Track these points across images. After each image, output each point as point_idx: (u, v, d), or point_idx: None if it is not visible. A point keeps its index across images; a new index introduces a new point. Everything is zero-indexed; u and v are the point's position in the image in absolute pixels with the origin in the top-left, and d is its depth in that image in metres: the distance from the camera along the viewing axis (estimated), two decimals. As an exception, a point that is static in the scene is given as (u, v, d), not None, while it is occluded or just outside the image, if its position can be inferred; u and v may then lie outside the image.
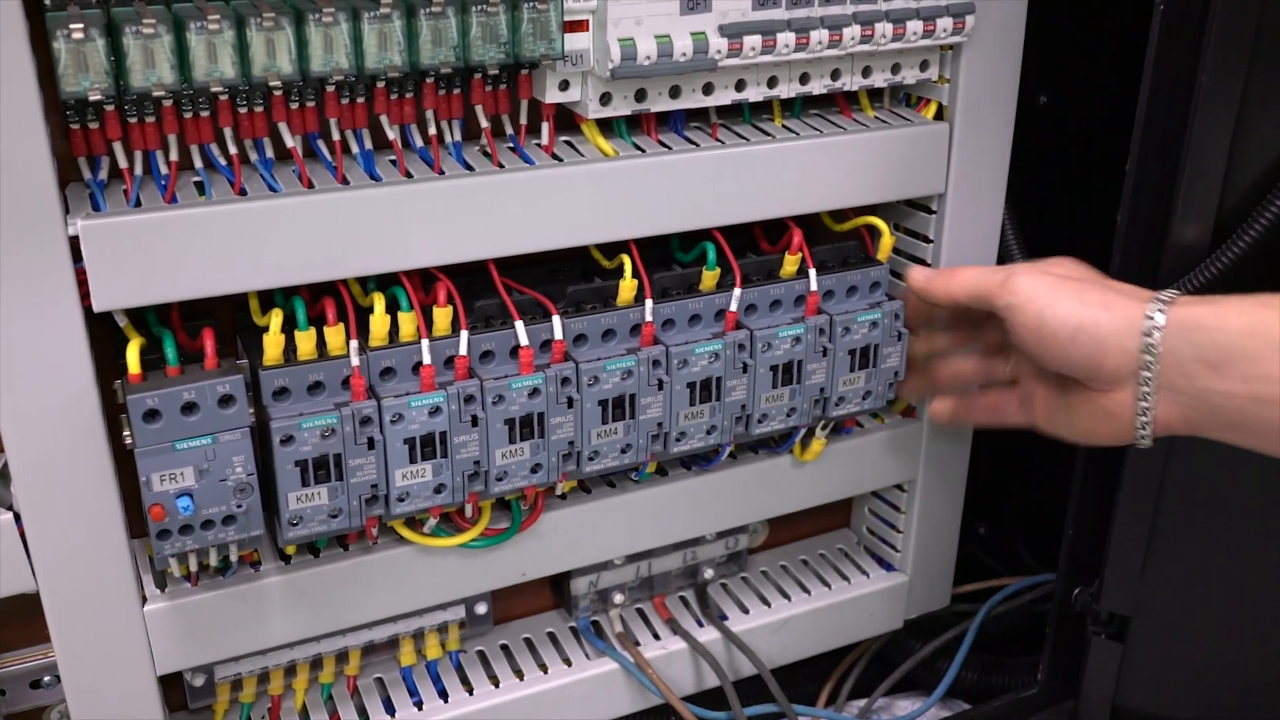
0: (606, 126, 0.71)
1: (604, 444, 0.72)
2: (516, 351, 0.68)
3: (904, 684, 0.92)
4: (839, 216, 0.79)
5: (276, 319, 0.63)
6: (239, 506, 0.63)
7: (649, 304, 0.71)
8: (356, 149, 0.65)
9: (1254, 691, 0.81)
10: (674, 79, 0.69)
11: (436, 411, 0.66)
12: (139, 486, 0.61)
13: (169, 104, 0.60)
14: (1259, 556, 0.77)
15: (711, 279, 0.74)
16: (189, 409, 0.61)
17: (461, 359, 0.67)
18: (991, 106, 0.78)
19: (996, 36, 0.76)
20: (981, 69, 0.77)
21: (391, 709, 0.77)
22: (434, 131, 0.66)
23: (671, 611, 0.86)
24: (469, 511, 0.73)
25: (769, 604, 0.88)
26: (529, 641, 0.84)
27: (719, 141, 0.72)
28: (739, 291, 0.73)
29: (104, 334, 0.63)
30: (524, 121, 0.69)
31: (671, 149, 0.71)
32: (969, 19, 0.73)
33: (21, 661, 0.72)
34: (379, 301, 0.65)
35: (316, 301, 0.65)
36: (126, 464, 0.62)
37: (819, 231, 0.80)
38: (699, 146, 0.71)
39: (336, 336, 0.65)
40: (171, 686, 0.73)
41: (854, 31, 0.70)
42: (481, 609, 0.81)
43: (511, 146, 0.69)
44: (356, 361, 0.65)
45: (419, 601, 0.75)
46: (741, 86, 0.71)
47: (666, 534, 0.81)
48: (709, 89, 0.70)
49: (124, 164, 0.61)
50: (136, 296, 0.59)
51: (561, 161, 0.68)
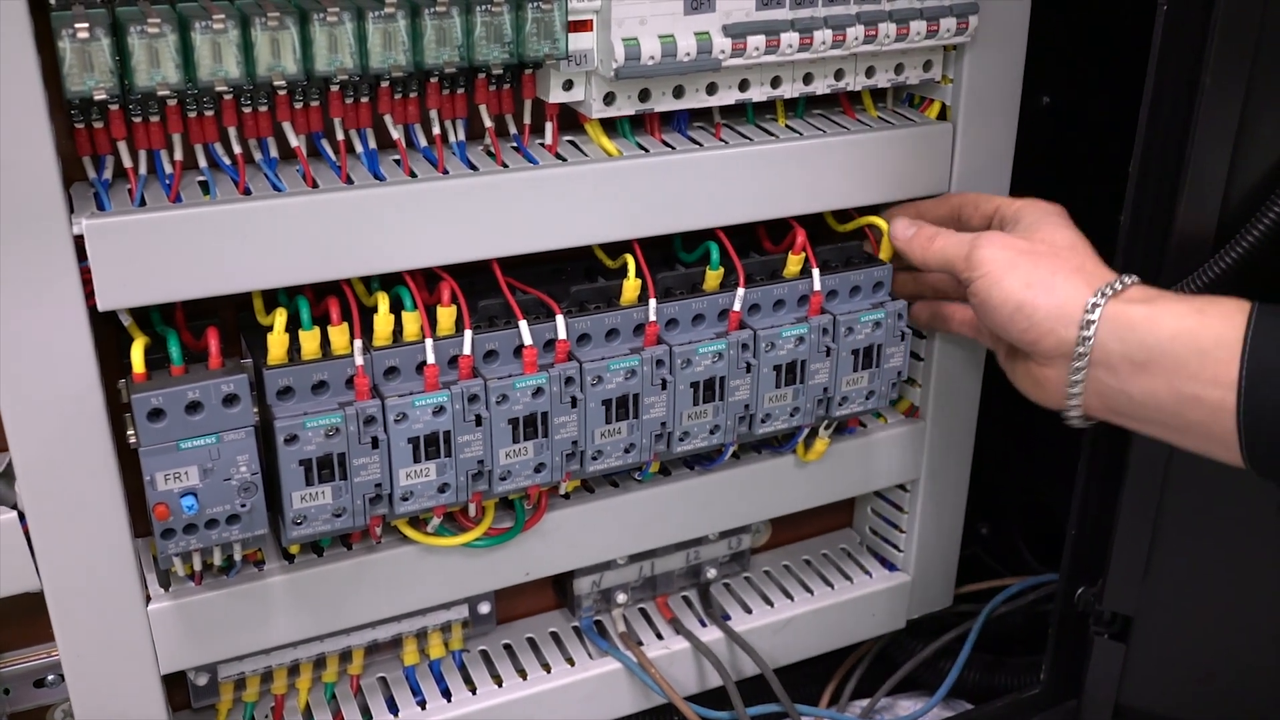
0: (610, 126, 0.71)
1: (607, 444, 0.72)
2: (520, 351, 0.68)
3: (906, 684, 0.92)
4: (842, 216, 0.79)
5: (280, 318, 0.63)
6: (243, 506, 0.63)
7: (652, 304, 0.71)
8: (360, 148, 0.65)
9: (1257, 692, 0.81)
10: (678, 79, 0.69)
11: (440, 411, 0.66)
12: (143, 485, 0.61)
13: (173, 103, 0.60)
14: (1262, 556, 0.77)
15: (715, 279, 0.74)
16: (193, 408, 0.61)
17: (465, 358, 0.67)
18: (995, 107, 0.79)
19: (1000, 37, 0.77)
20: (985, 69, 0.77)
21: (395, 708, 0.77)
22: (438, 131, 0.66)
23: (674, 611, 0.86)
24: (472, 511, 0.73)
25: (771, 604, 0.88)
26: (532, 641, 0.84)
27: (722, 141, 0.72)
28: (742, 291, 0.73)
29: (108, 333, 0.63)
30: (528, 121, 0.69)
31: (675, 149, 0.71)
32: (972, 19, 0.73)
33: (25, 660, 0.72)
34: (383, 301, 0.65)
35: (320, 301, 0.65)
36: (131, 463, 0.62)
37: (822, 231, 0.80)
38: (702, 146, 0.71)
39: (340, 336, 0.65)
40: (175, 686, 0.73)
41: (858, 31, 0.70)
42: (485, 608, 0.81)
43: (515, 146, 0.69)
44: (360, 361, 0.65)
45: (422, 601, 0.75)
46: (745, 86, 0.71)
47: (669, 534, 0.81)
48: (713, 89, 0.70)
49: (128, 163, 0.61)
50: (141, 296, 0.59)
51: (565, 161, 0.68)
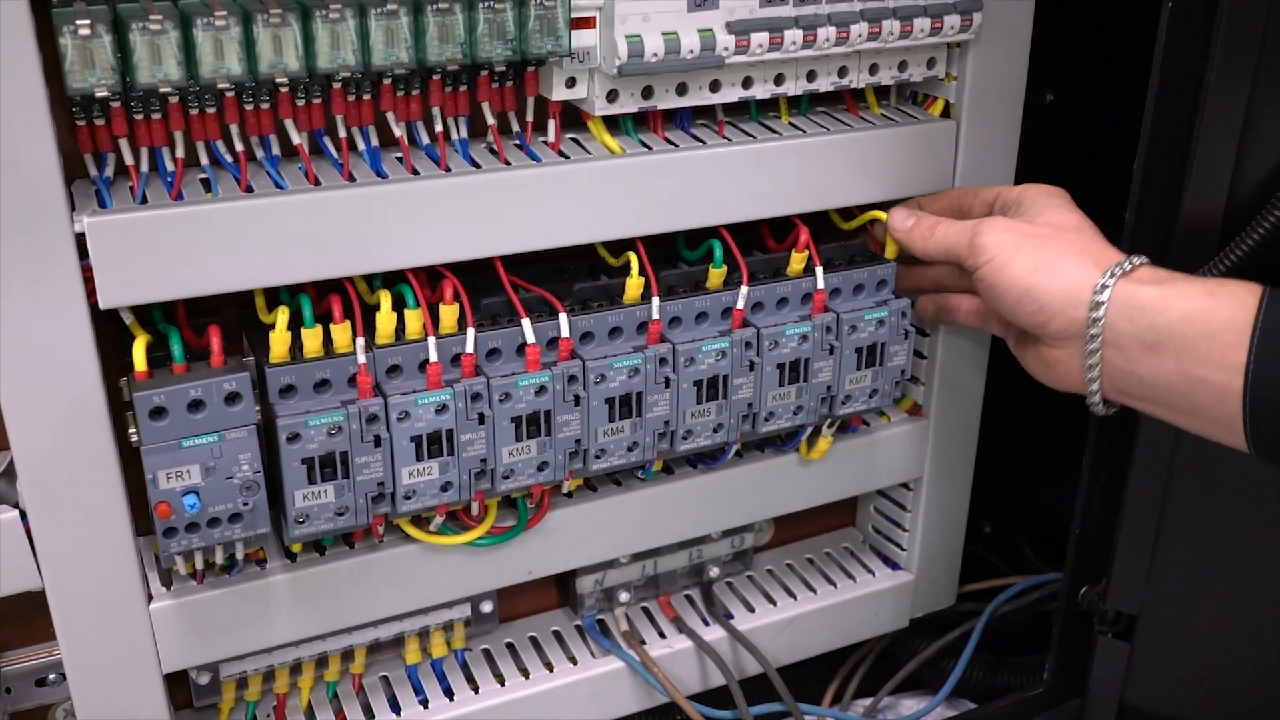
0: (613, 124, 0.71)
1: (610, 442, 0.72)
2: (523, 349, 0.68)
3: (909, 683, 0.92)
4: (847, 214, 0.79)
5: (283, 316, 0.63)
6: (245, 504, 0.63)
7: (656, 302, 0.71)
8: (363, 146, 0.65)
9: (1261, 691, 0.81)
10: (681, 76, 0.69)
11: (443, 409, 0.66)
12: (145, 484, 0.61)
13: (175, 100, 0.60)
14: (1266, 556, 0.77)
15: (718, 277, 0.73)
16: (195, 406, 0.61)
17: (468, 357, 0.67)
18: (998, 104, 0.78)
19: (1004, 34, 0.76)
20: (988, 66, 0.77)
21: (397, 707, 0.77)
22: (440, 128, 0.66)
23: (677, 610, 0.86)
24: (475, 509, 0.73)
25: (774, 603, 0.88)
26: (534, 640, 0.84)
27: (726, 139, 0.72)
28: (746, 289, 0.73)
29: (110, 331, 0.63)
30: (530, 119, 0.69)
31: (678, 146, 0.71)
32: (976, 16, 0.73)
33: (27, 659, 0.72)
34: (385, 299, 0.65)
35: (323, 299, 0.65)
36: (132, 461, 0.62)
37: (825, 229, 0.80)
38: (706, 144, 0.71)
39: (343, 334, 0.64)
40: (177, 685, 0.72)
41: (861, 29, 0.69)
42: (487, 607, 0.81)
43: (518, 144, 0.69)
44: (363, 359, 0.64)
45: (425, 599, 0.75)
46: (748, 84, 0.71)
47: (672, 532, 0.81)
48: (716, 86, 0.70)
49: (130, 161, 0.61)
50: (142, 293, 0.59)
51: (568, 159, 0.68)
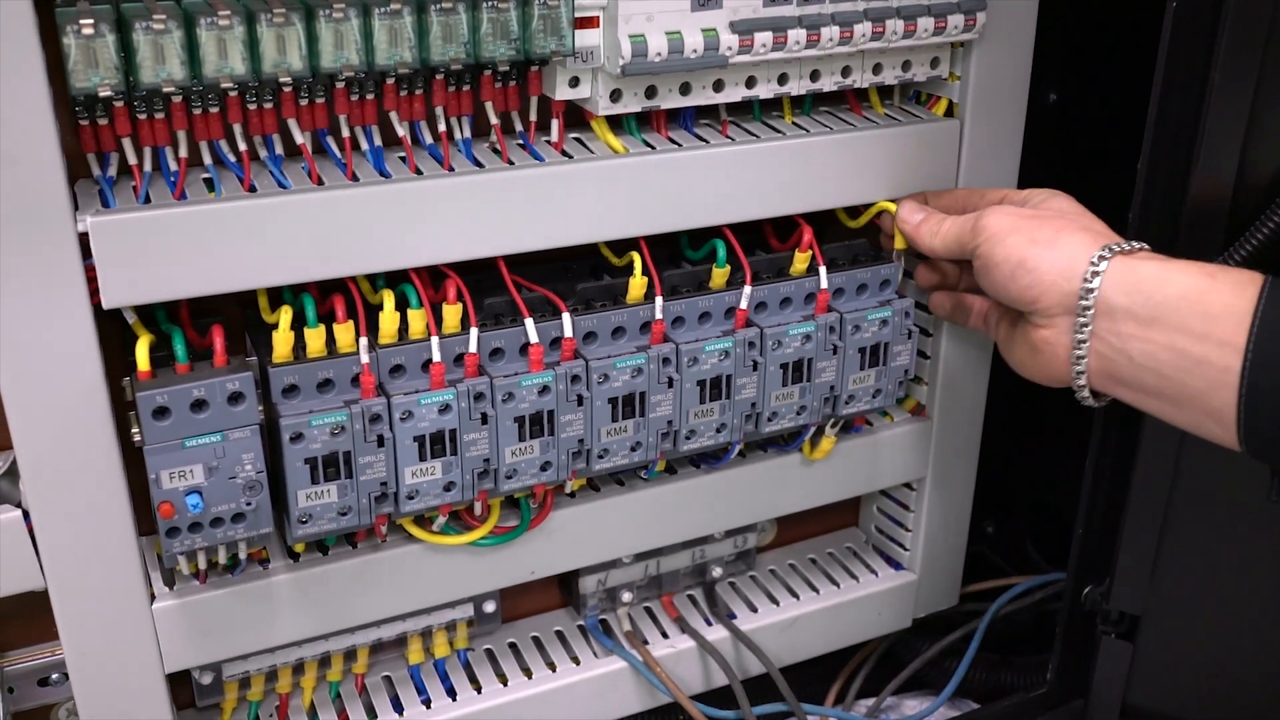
0: (616, 123, 0.71)
1: (613, 442, 0.72)
2: (526, 349, 0.68)
3: (912, 683, 0.92)
4: (852, 212, 0.79)
5: (286, 316, 0.63)
6: (248, 504, 0.63)
7: (659, 301, 0.71)
8: (366, 145, 0.65)
9: (1264, 692, 0.81)
10: (684, 76, 0.69)
11: (446, 409, 0.66)
12: (148, 484, 0.61)
13: (179, 100, 0.60)
14: (1270, 556, 0.77)
15: (721, 276, 0.73)
16: (198, 406, 0.61)
17: (471, 356, 0.67)
18: (1002, 104, 0.78)
19: (1007, 33, 0.76)
20: (992, 66, 0.77)
21: (399, 707, 0.77)
22: (443, 128, 0.66)
23: (680, 610, 0.86)
24: (478, 509, 0.73)
25: (777, 603, 0.88)
26: (537, 640, 0.83)
27: (729, 139, 0.72)
28: (749, 289, 0.73)
29: (113, 331, 0.63)
30: (534, 118, 0.69)
31: (681, 146, 0.70)
32: (980, 16, 0.73)
33: (29, 659, 0.72)
34: (388, 299, 0.65)
35: (326, 298, 0.65)
36: (135, 461, 0.62)
37: (829, 228, 0.80)
38: (709, 144, 0.71)
39: (346, 334, 0.64)
40: (179, 684, 0.73)
41: (865, 28, 0.69)
42: (490, 607, 0.80)
43: (521, 143, 0.69)
44: (366, 359, 0.64)
45: (427, 600, 0.74)
46: (752, 83, 0.71)
47: (675, 532, 0.81)
48: (719, 86, 0.70)
49: (133, 160, 0.61)
50: (146, 293, 0.59)
51: (571, 158, 0.68)
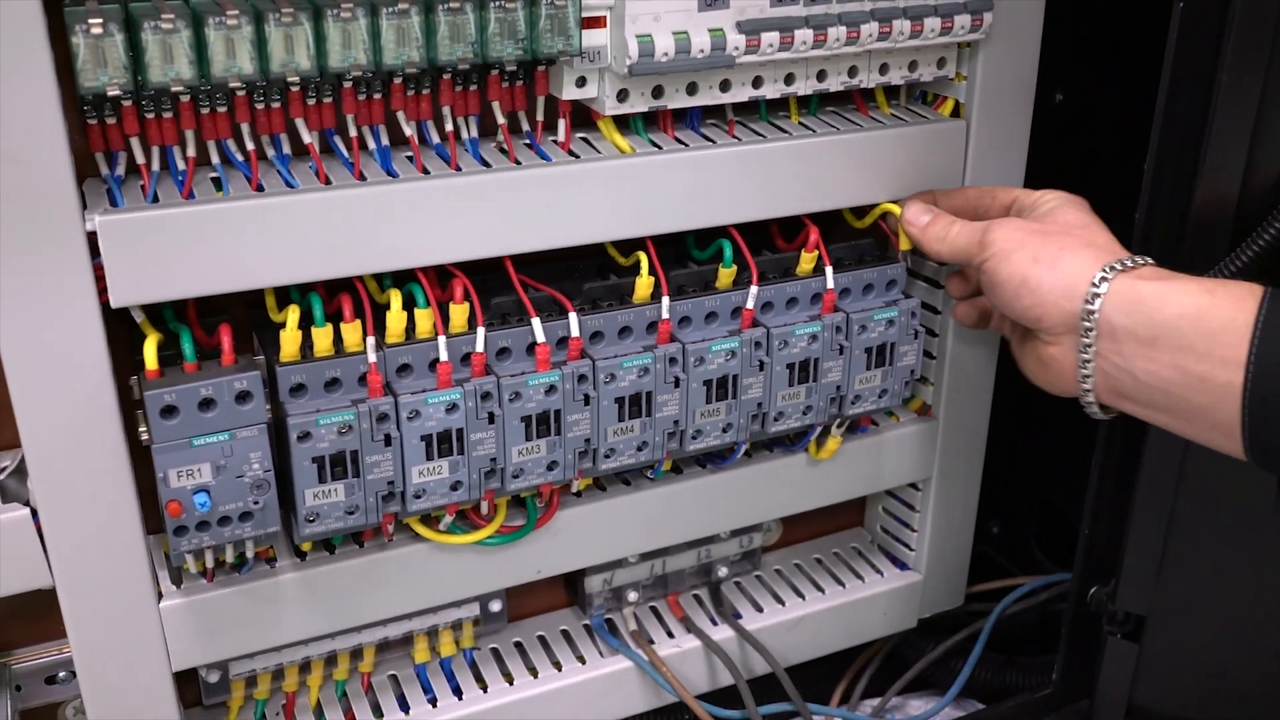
0: (623, 123, 0.71)
1: (620, 441, 0.72)
2: (533, 349, 0.68)
3: (917, 683, 0.92)
4: (859, 212, 0.79)
5: (293, 315, 0.63)
6: (255, 503, 0.63)
7: (665, 301, 0.71)
8: (373, 145, 0.65)
9: (1270, 692, 0.81)
10: (691, 76, 0.69)
11: (453, 408, 0.66)
12: (155, 483, 0.61)
13: (187, 99, 0.60)
14: (1276, 556, 0.77)
15: (728, 276, 0.73)
16: (206, 405, 0.61)
17: (478, 356, 0.67)
18: (1008, 104, 0.78)
19: (1014, 34, 0.76)
20: (999, 66, 0.77)
21: (406, 706, 0.77)
22: (451, 128, 0.66)
23: (685, 610, 0.86)
24: (484, 509, 0.73)
25: (783, 602, 0.88)
26: (543, 639, 0.84)
27: (736, 139, 0.72)
28: (755, 289, 0.73)
29: (121, 330, 0.63)
30: (541, 118, 0.69)
31: (688, 146, 0.71)
32: (987, 16, 0.73)
33: (37, 657, 0.72)
34: (396, 298, 0.65)
35: (333, 298, 0.65)
36: (143, 460, 0.62)
37: (835, 228, 0.80)
38: (715, 144, 0.71)
39: (353, 333, 0.65)
40: (186, 683, 0.73)
41: (872, 28, 0.69)
42: (496, 606, 0.81)
43: (528, 143, 0.69)
44: (373, 358, 0.64)
45: (434, 599, 0.75)
46: (759, 83, 0.71)
47: (681, 532, 0.81)
48: (726, 86, 0.70)
49: (141, 160, 0.61)
50: (154, 292, 0.59)
51: (578, 158, 0.68)
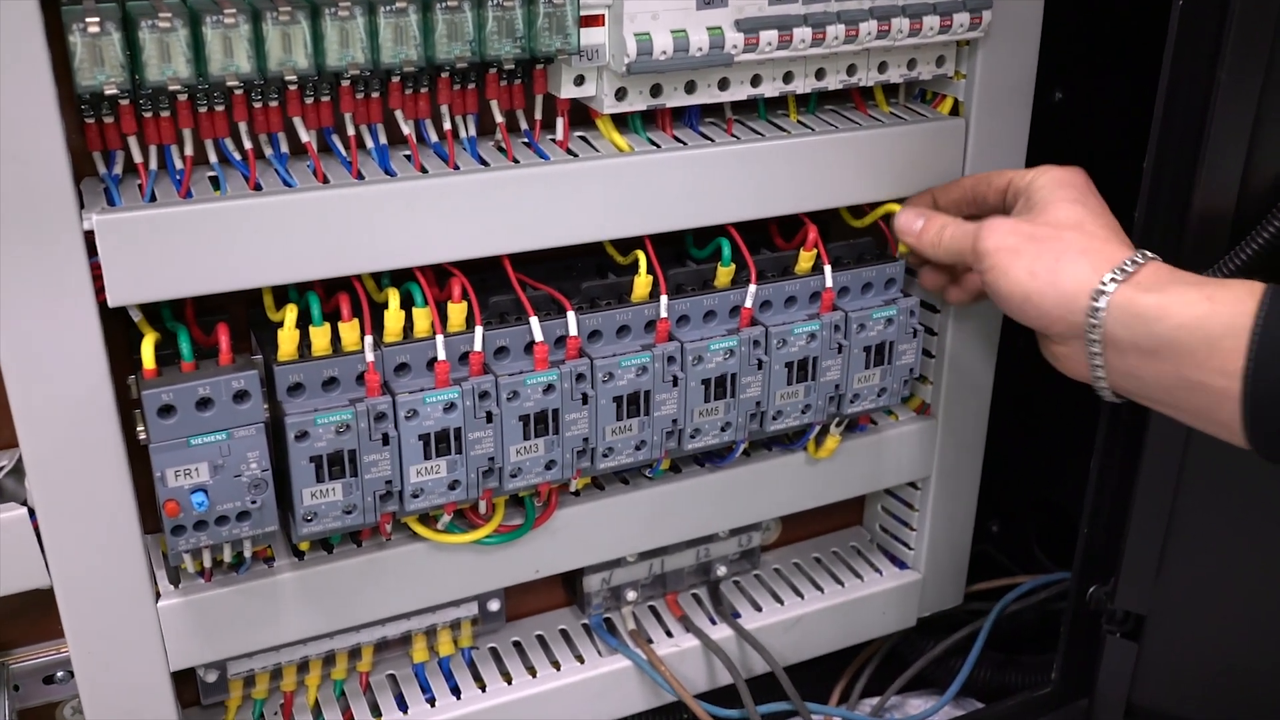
0: (621, 122, 0.71)
1: (618, 440, 0.72)
2: (531, 348, 0.68)
3: (917, 682, 0.92)
4: (857, 211, 0.79)
5: (291, 314, 0.63)
6: (253, 502, 0.63)
7: (664, 300, 0.71)
8: (371, 144, 0.65)
9: (1270, 691, 0.81)
10: (689, 74, 0.69)
11: (451, 408, 0.66)
12: (153, 482, 0.61)
13: (184, 98, 0.60)
14: (1276, 555, 0.77)
15: (726, 275, 0.73)
16: (204, 404, 0.61)
17: (476, 355, 0.67)
18: (1007, 102, 0.78)
19: (1013, 32, 0.76)
20: (998, 65, 0.77)
21: (404, 705, 0.77)
22: (449, 126, 0.66)
23: (684, 609, 0.86)
24: (483, 508, 0.73)
25: (782, 601, 0.88)
26: (542, 638, 0.84)
27: (734, 137, 0.72)
28: (754, 288, 0.73)
29: (118, 329, 0.63)
30: (539, 117, 0.69)
31: (687, 144, 0.70)
32: (986, 14, 0.73)
33: (35, 657, 0.72)
34: (393, 297, 0.65)
35: (331, 297, 0.65)
36: (141, 459, 0.62)
37: (834, 227, 0.80)
38: (714, 142, 0.71)
39: (351, 332, 0.64)
40: (184, 682, 0.73)
41: (870, 27, 0.69)
42: (494, 605, 0.80)
43: (526, 142, 0.69)
44: (371, 357, 0.64)
45: (432, 598, 0.75)
46: (757, 82, 0.71)
47: (680, 531, 0.81)
48: (724, 84, 0.70)
49: (139, 159, 0.61)
50: (151, 291, 0.59)
51: (576, 157, 0.68)
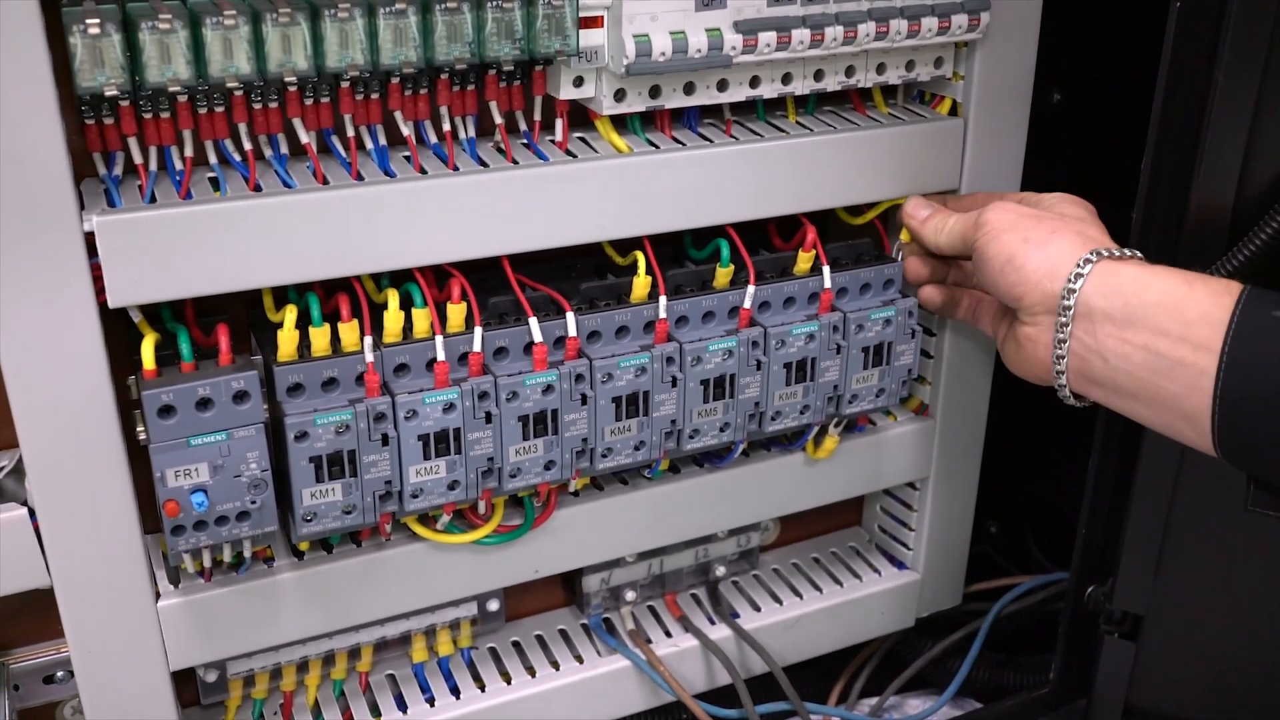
0: (620, 123, 0.71)
1: (617, 441, 0.72)
2: (530, 348, 0.68)
3: (915, 682, 0.92)
4: (855, 210, 0.79)
5: (291, 315, 0.63)
6: (253, 503, 0.63)
7: (663, 301, 0.71)
8: (371, 145, 0.65)
9: (1268, 691, 0.81)
10: (688, 75, 0.69)
11: (450, 408, 0.66)
12: (153, 482, 0.61)
13: (184, 100, 0.60)
14: (1273, 555, 0.77)
15: (725, 276, 0.73)
16: (204, 405, 0.61)
17: (475, 355, 0.67)
18: (1006, 103, 0.78)
19: (1011, 33, 0.76)
20: (996, 65, 0.77)
21: (404, 705, 0.77)
22: (448, 128, 0.66)
23: (683, 609, 0.86)
24: (482, 508, 0.73)
25: (780, 602, 0.88)
26: (541, 638, 0.84)
27: (733, 138, 0.72)
28: (753, 289, 0.73)
29: (118, 330, 0.63)
30: (538, 118, 0.69)
31: (685, 146, 0.71)
32: (984, 15, 0.73)
33: (35, 657, 0.72)
34: (393, 298, 0.65)
35: (330, 298, 0.65)
36: (141, 459, 0.62)
37: (832, 227, 0.80)
38: (713, 143, 0.71)
39: (351, 333, 0.65)
40: (184, 682, 0.73)
41: (869, 28, 0.69)
42: (494, 606, 0.81)
43: (525, 143, 0.69)
44: (371, 358, 0.65)
45: (431, 598, 0.75)
46: (756, 83, 0.71)
47: (679, 531, 0.81)
48: (723, 85, 0.70)
49: (139, 160, 0.61)
50: (151, 292, 0.59)
51: (575, 158, 0.68)
